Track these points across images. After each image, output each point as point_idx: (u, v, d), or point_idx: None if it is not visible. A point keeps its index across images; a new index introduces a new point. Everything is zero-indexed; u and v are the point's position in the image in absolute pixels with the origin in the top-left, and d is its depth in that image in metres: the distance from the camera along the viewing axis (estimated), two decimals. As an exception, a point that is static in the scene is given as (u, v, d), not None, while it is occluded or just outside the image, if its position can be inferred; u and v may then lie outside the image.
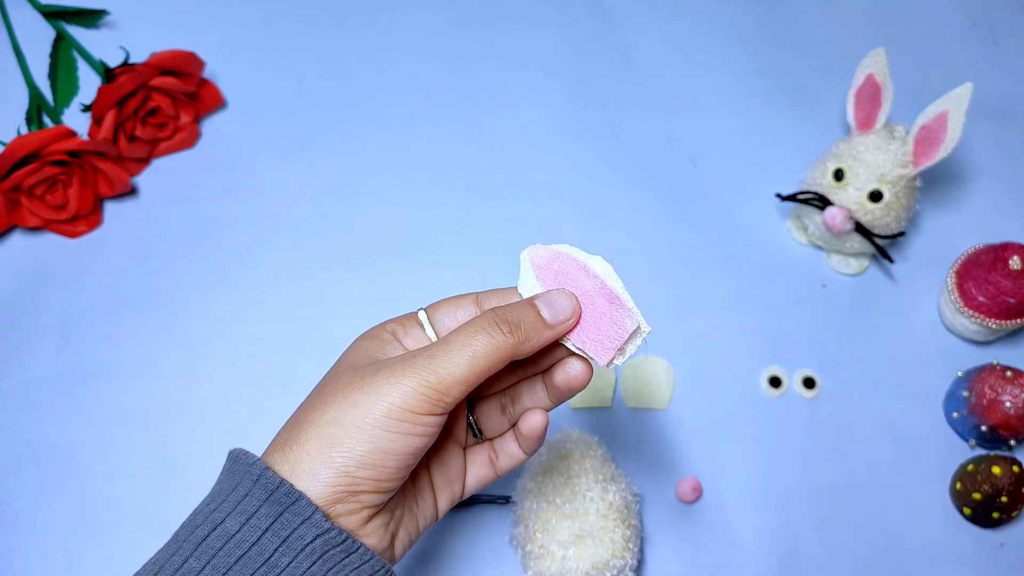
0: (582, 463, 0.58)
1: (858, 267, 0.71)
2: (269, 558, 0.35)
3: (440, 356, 0.38)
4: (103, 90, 0.65)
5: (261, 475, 0.37)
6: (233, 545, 0.35)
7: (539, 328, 0.40)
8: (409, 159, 0.73)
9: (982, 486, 0.60)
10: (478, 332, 0.39)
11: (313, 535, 0.36)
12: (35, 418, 0.63)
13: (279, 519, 0.36)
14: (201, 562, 0.35)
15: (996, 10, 0.84)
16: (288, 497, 0.36)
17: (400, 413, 0.37)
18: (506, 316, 0.39)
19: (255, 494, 0.36)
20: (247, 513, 0.36)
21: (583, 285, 0.42)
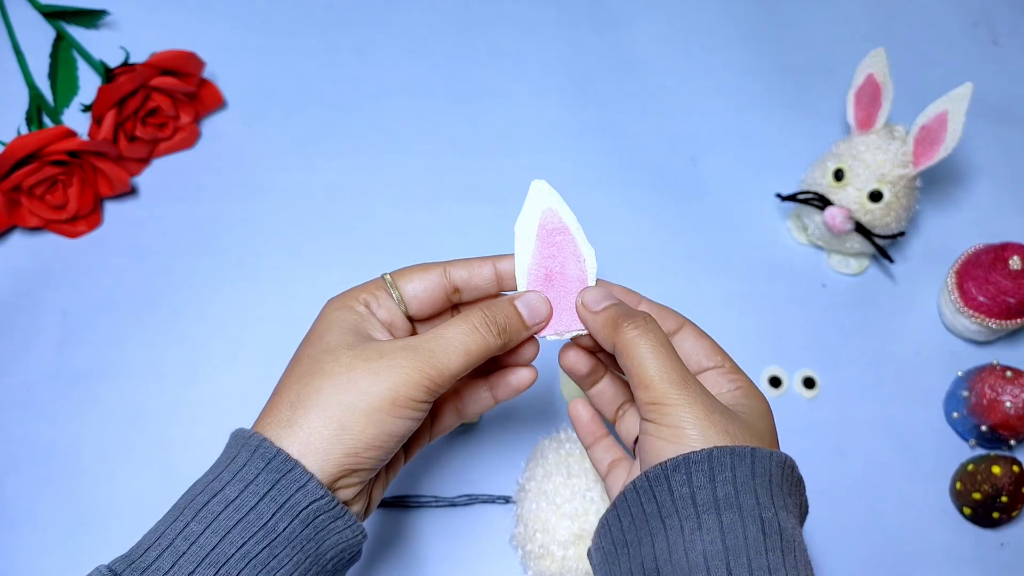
0: (582, 463, 0.58)
1: (858, 267, 0.71)
2: (267, 522, 0.37)
3: (439, 352, 0.41)
4: (103, 90, 0.65)
5: (259, 446, 0.39)
6: (232, 509, 0.37)
7: (520, 330, 0.45)
8: (409, 159, 0.73)
9: (982, 486, 0.60)
10: (472, 332, 0.42)
11: (308, 501, 0.38)
12: (35, 418, 0.63)
13: (276, 485, 0.38)
14: (202, 525, 0.37)
15: (996, 10, 0.84)
16: (285, 465, 0.38)
17: (404, 400, 0.40)
18: (495, 318, 0.43)
19: (253, 463, 0.38)
20: (246, 480, 0.38)
21: (568, 270, 0.46)
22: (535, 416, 0.64)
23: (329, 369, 0.40)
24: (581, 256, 0.46)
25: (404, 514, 0.61)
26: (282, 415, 0.40)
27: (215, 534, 0.37)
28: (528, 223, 0.46)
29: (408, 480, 0.62)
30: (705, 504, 0.37)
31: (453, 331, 0.42)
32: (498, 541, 0.60)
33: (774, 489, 0.38)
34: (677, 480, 0.38)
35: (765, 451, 0.39)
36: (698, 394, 0.40)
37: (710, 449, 0.38)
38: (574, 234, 0.46)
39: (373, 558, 0.60)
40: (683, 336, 0.46)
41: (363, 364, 0.40)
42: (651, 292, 0.69)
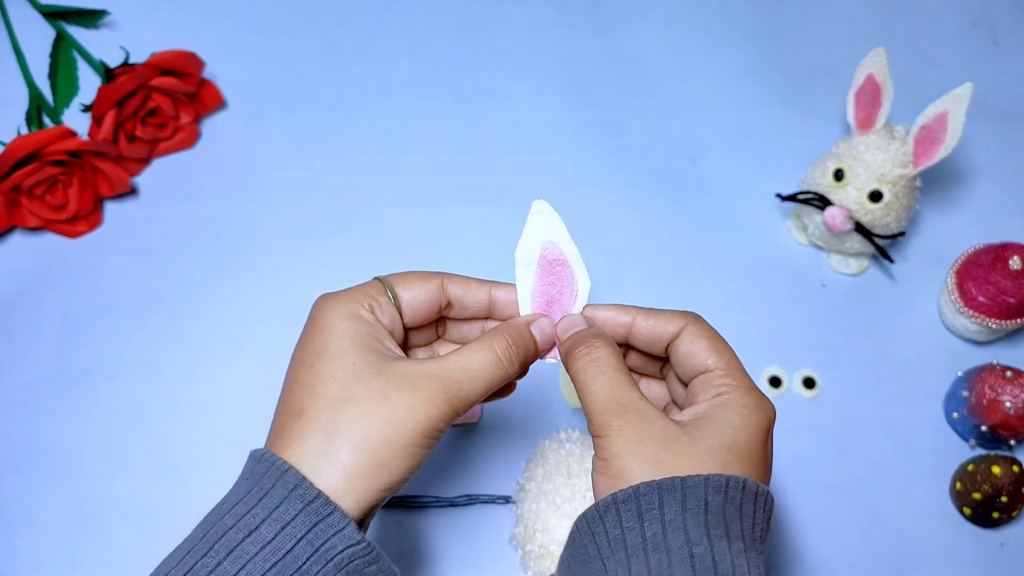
0: (582, 463, 0.58)
1: (858, 267, 0.71)
2: (301, 566, 0.36)
3: (466, 383, 0.41)
4: (103, 90, 0.65)
5: (298, 485, 0.37)
6: (269, 552, 0.36)
7: (533, 357, 0.45)
8: (409, 159, 0.73)
9: (982, 486, 0.60)
10: (497, 364, 0.42)
11: (344, 546, 0.37)
12: (35, 418, 0.63)
13: (314, 529, 0.37)
14: (235, 566, 0.36)
15: (996, 10, 0.84)
16: (324, 508, 0.37)
17: (433, 432, 0.40)
18: (518, 352, 0.43)
19: (291, 502, 0.37)
20: (282, 521, 0.37)
21: (564, 299, 0.46)
22: (535, 416, 0.64)
23: (362, 398, 0.39)
24: (575, 290, 0.46)
25: (404, 514, 0.61)
26: (318, 446, 0.38)
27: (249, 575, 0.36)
28: (530, 251, 0.45)
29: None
30: (634, 546, 0.36)
31: (478, 361, 0.42)
32: (498, 541, 0.60)
33: (710, 519, 0.36)
34: (610, 521, 0.37)
35: (698, 479, 0.37)
36: (634, 421, 0.39)
37: (636, 486, 0.37)
38: (572, 266, 0.46)
39: (373, 558, 0.60)
40: (681, 339, 0.44)
41: (397, 395, 0.39)
42: (651, 292, 0.69)
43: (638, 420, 0.39)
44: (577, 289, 0.46)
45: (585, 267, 0.45)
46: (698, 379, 0.43)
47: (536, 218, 0.45)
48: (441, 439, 0.41)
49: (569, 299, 0.46)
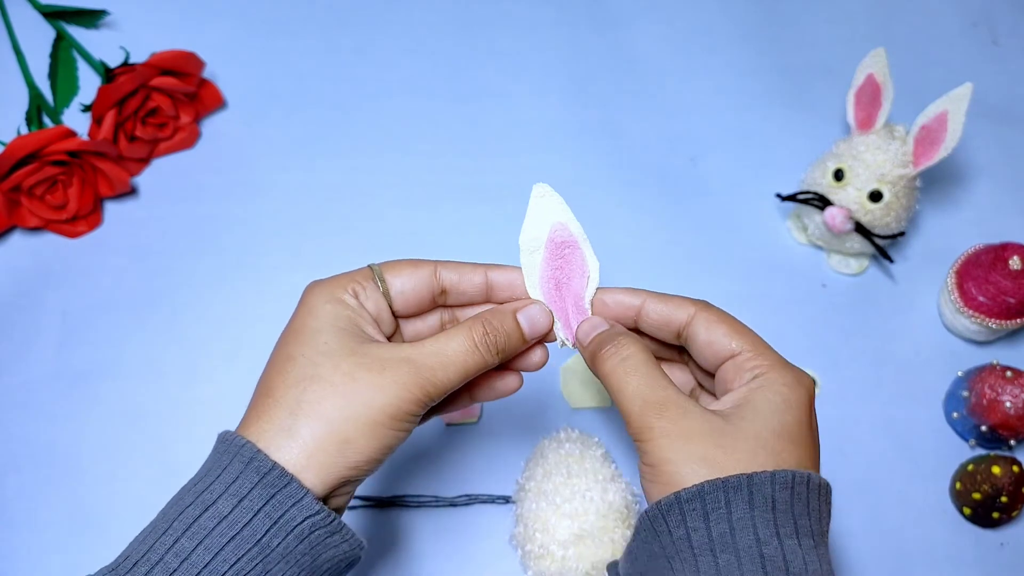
0: (582, 463, 0.58)
1: (858, 267, 0.71)
2: (260, 539, 0.36)
3: (439, 369, 0.41)
4: (103, 90, 0.65)
5: (253, 458, 0.37)
6: (226, 526, 0.36)
7: (518, 345, 0.44)
8: (409, 159, 0.73)
9: (982, 486, 0.60)
10: (473, 351, 0.42)
11: (303, 516, 0.37)
12: (35, 418, 0.63)
13: (271, 501, 0.37)
14: (193, 542, 0.36)
15: (996, 10, 0.84)
16: (280, 480, 0.37)
17: (404, 415, 0.40)
18: (496, 339, 0.42)
19: (247, 476, 0.37)
20: (239, 495, 0.37)
21: (573, 282, 0.45)
22: (535, 416, 0.65)
23: (329, 377, 0.39)
24: (586, 272, 0.45)
25: (404, 514, 0.61)
26: (281, 422, 0.38)
27: (207, 551, 0.36)
28: (535, 236, 0.45)
29: (408, 480, 0.62)
30: (701, 546, 0.35)
31: (454, 347, 0.41)
32: (498, 541, 0.60)
33: (779, 517, 0.36)
34: (673, 520, 0.36)
35: (764, 476, 0.36)
36: (677, 419, 0.38)
37: (700, 485, 0.36)
38: (582, 247, 0.45)
39: (373, 558, 0.60)
40: (696, 327, 0.43)
41: (366, 375, 0.39)
42: (651, 292, 0.69)
43: (681, 417, 0.38)
44: (588, 271, 0.45)
45: (592, 248, 0.45)
46: (726, 365, 0.42)
47: (539, 201, 0.45)
48: (415, 424, 0.41)
49: (580, 281, 0.45)
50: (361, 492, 0.61)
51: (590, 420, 0.65)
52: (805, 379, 0.41)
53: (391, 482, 0.62)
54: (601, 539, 0.55)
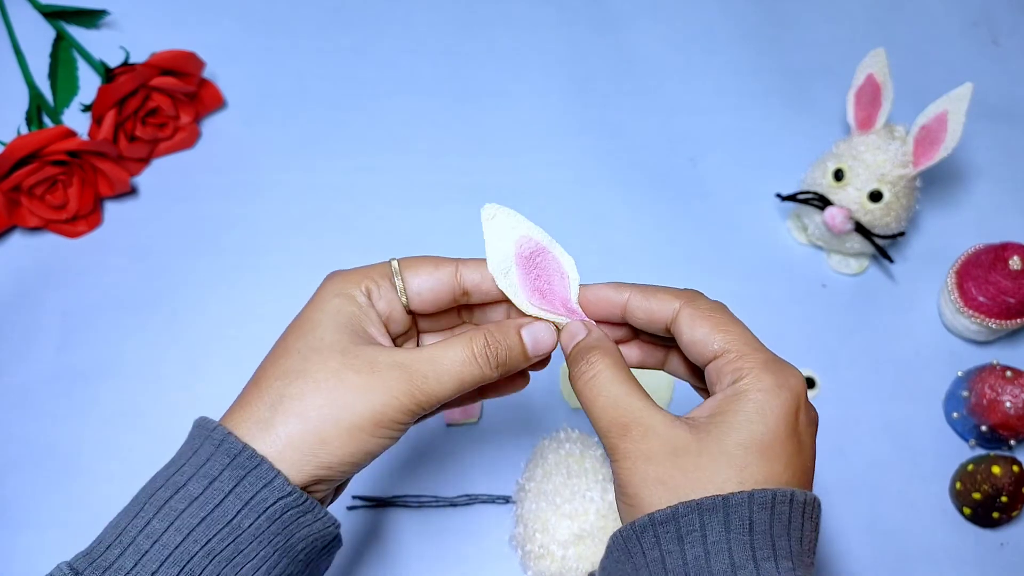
0: (582, 463, 0.58)
1: (858, 267, 0.71)
2: (232, 519, 0.36)
3: (432, 377, 0.39)
4: (103, 90, 0.65)
5: (224, 440, 0.37)
6: (197, 507, 0.36)
7: (520, 362, 0.42)
8: (409, 159, 0.73)
9: (982, 486, 0.60)
10: (471, 362, 0.40)
11: (275, 498, 0.37)
12: (35, 418, 0.63)
13: (241, 482, 0.37)
14: (164, 523, 0.36)
15: (996, 10, 0.84)
16: (250, 461, 0.37)
17: (388, 422, 0.39)
18: (496, 351, 0.41)
19: (217, 458, 0.37)
20: (210, 476, 0.37)
21: (555, 286, 0.44)
22: (535, 416, 0.65)
23: (315, 373, 0.39)
24: (564, 273, 0.44)
25: (404, 514, 0.61)
26: (260, 414, 0.38)
27: (178, 532, 0.36)
28: (502, 258, 0.43)
29: (408, 480, 0.62)
30: (675, 569, 0.35)
31: (451, 357, 0.40)
32: (498, 541, 0.60)
33: (756, 539, 0.34)
34: (647, 542, 0.36)
35: (741, 496, 0.34)
36: (639, 439, 0.37)
37: (675, 507, 0.35)
38: (552, 250, 0.44)
39: (373, 558, 0.60)
40: (680, 324, 0.41)
41: (352, 376, 0.38)
42: (651, 292, 0.69)
43: (642, 437, 0.37)
44: (565, 271, 0.44)
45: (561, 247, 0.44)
46: (711, 366, 0.40)
47: (492, 223, 0.43)
48: (402, 432, 0.40)
49: (561, 284, 0.44)
50: (361, 492, 0.61)
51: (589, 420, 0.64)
52: (790, 381, 0.38)
53: (391, 482, 0.62)
54: (601, 539, 0.55)
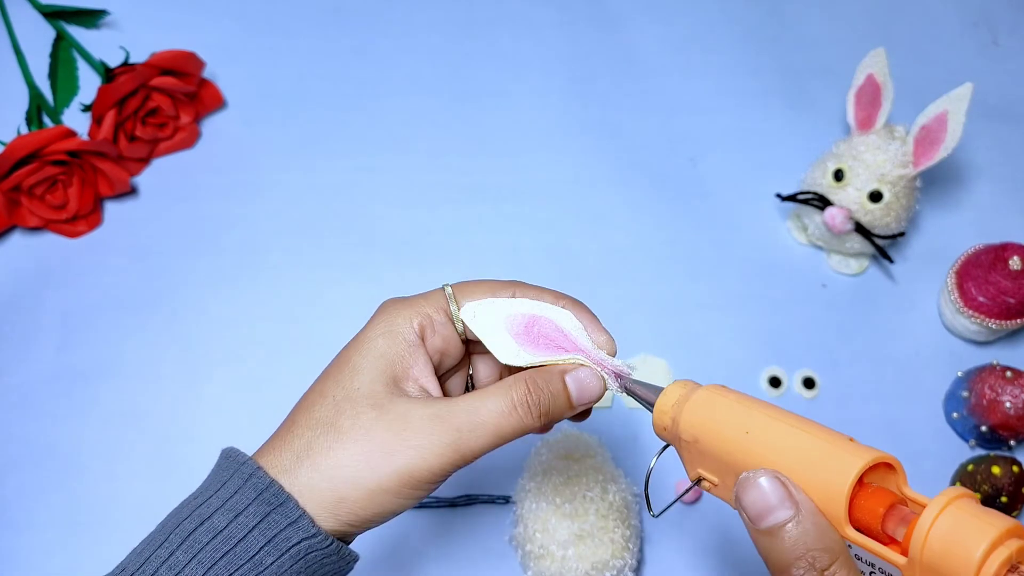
0: (582, 463, 0.58)
1: (858, 267, 0.71)
2: (254, 556, 0.36)
3: (467, 431, 0.37)
4: (103, 90, 0.65)
5: (252, 475, 0.37)
6: (220, 541, 0.36)
7: (564, 411, 0.40)
8: (409, 159, 0.73)
9: (982, 486, 0.60)
10: (511, 413, 0.38)
11: (299, 538, 0.36)
12: (35, 418, 0.63)
13: (266, 518, 0.36)
14: (187, 555, 0.36)
15: (996, 10, 0.84)
16: (276, 498, 0.36)
17: (417, 484, 0.37)
18: (539, 400, 0.39)
19: (245, 492, 0.37)
20: (235, 510, 0.36)
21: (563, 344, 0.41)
22: (535, 416, 0.65)
23: (347, 428, 0.37)
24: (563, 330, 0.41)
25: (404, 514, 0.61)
26: (284, 461, 0.37)
27: (200, 565, 0.35)
28: (505, 345, 0.40)
29: (408, 480, 0.62)
30: None
31: (489, 408, 0.38)
32: (498, 541, 0.60)
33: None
34: None
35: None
36: None
37: None
38: (541, 314, 0.41)
39: (373, 558, 0.60)
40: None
41: (383, 434, 0.37)
42: (651, 292, 0.69)
43: None
44: (561, 325, 0.41)
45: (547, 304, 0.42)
46: None
47: (478, 321, 0.41)
48: (434, 488, 0.38)
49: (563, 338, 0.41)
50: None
51: (590, 420, 0.64)
52: None
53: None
54: (601, 539, 0.55)
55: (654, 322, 0.68)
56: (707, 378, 0.65)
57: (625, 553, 0.56)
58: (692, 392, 0.39)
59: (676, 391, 0.39)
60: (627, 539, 0.56)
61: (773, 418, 0.37)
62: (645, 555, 0.61)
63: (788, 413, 0.37)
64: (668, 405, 0.39)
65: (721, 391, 0.38)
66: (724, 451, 0.36)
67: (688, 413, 0.38)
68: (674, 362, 0.67)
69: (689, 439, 0.38)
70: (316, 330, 0.66)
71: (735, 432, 0.36)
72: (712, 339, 0.68)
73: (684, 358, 0.67)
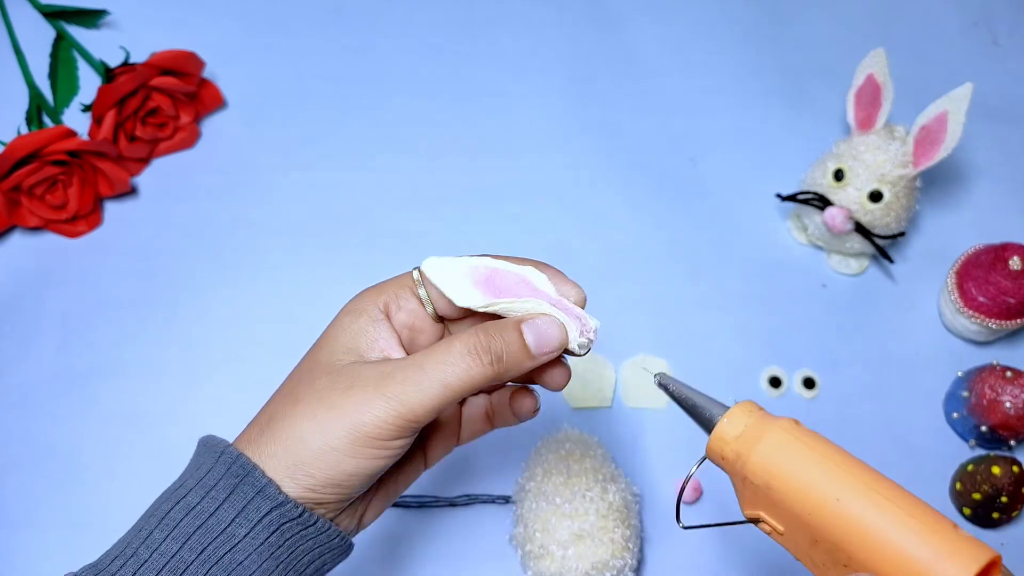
0: (582, 463, 0.58)
1: (858, 267, 0.71)
2: (226, 528, 0.36)
3: (411, 383, 0.37)
4: (103, 90, 0.65)
5: (224, 452, 0.38)
6: (193, 516, 0.36)
7: (521, 359, 0.38)
8: (409, 159, 0.73)
9: (982, 486, 0.60)
10: (456, 360, 0.37)
11: (269, 507, 0.36)
12: (35, 418, 0.63)
13: (236, 491, 0.36)
14: (164, 533, 0.36)
15: (996, 10, 0.84)
16: (243, 469, 0.37)
17: (366, 440, 0.37)
18: (489, 344, 0.37)
19: (216, 469, 0.37)
20: (207, 486, 0.37)
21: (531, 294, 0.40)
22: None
23: (303, 394, 0.38)
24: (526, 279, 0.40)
25: (404, 514, 0.61)
26: (251, 434, 0.38)
27: (175, 541, 0.36)
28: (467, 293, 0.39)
29: (408, 480, 0.62)
30: None
31: (435, 358, 0.37)
32: (498, 541, 0.60)
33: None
34: None
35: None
36: None
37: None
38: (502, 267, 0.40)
39: (373, 558, 0.60)
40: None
41: (333, 396, 0.37)
42: (651, 292, 0.69)
43: None
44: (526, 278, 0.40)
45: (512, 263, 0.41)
46: None
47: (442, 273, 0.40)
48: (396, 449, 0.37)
49: (526, 288, 0.40)
50: (361, 492, 0.61)
51: (590, 420, 0.65)
52: None
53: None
54: (601, 539, 0.55)
55: (654, 322, 0.68)
56: (707, 377, 0.66)
57: (625, 553, 0.56)
58: (763, 427, 0.35)
59: (742, 419, 0.36)
60: (627, 539, 0.56)
61: (866, 484, 0.33)
62: (645, 555, 0.61)
63: (876, 474, 0.34)
64: (732, 436, 0.36)
65: (797, 432, 0.35)
66: (806, 511, 0.34)
67: (762, 456, 0.34)
68: (674, 362, 0.67)
69: (760, 483, 0.35)
70: (316, 330, 0.66)
71: (822, 496, 0.33)
72: (712, 339, 0.68)
73: (684, 358, 0.67)
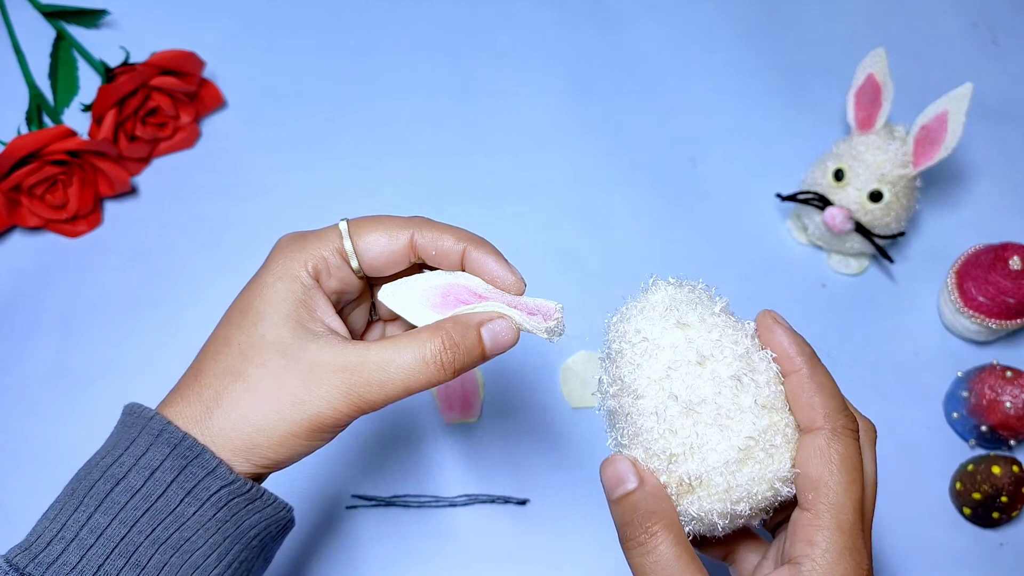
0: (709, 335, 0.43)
1: (858, 267, 0.71)
2: (175, 509, 0.37)
3: (376, 386, 0.38)
4: (103, 90, 0.65)
5: (163, 430, 0.37)
6: (139, 499, 0.36)
7: (476, 359, 0.40)
8: (409, 159, 0.73)
9: (982, 486, 0.60)
10: (420, 369, 0.38)
11: (218, 486, 0.37)
12: (35, 418, 0.63)
13: (183, 472, 0.37)
14: (108, 517, 0.36)
15: (996, 10, 0.84)
16: (192, 451, 0.37)
17: (325, 427, 0.38)
18: (454, 359, 0.39)
19: (158, 448, 0.37)
20: (150, 467, 0.37)
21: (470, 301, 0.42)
22: (535, 416, 0.64)
23: (256, 377, 0.38)
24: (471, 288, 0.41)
25: (404, 514, 0.61)
26: (195, 412, 0.38)
27: (122, 524, 0.36)
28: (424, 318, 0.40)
29: (408, 480, 0.62)
30: None
31: (399, 365, 0.38)
32: (499, 541, 0.60)
33: None
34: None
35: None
36: None
37: None
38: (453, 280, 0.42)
39: (373, 558, 0.60)
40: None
41: (291, 381, 0.37)
42: (651, 292, 0.69)
43: None
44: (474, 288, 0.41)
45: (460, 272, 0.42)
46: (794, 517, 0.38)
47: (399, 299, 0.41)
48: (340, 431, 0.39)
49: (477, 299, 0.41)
50: (361, 492, 0.61)
51: (590, 420, 0.65)
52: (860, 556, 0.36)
53: (391, 482, 0.62)
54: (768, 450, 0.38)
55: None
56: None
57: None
58: None
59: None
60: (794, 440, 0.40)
61: None
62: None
63: None
64: None
65: None
66: None
67: None
68: (674, 362, 0.67)
69: None
70: (316, 330, 0.66)
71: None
72: (712, 339, 0.68)
73: (684, 358, 0.67)
